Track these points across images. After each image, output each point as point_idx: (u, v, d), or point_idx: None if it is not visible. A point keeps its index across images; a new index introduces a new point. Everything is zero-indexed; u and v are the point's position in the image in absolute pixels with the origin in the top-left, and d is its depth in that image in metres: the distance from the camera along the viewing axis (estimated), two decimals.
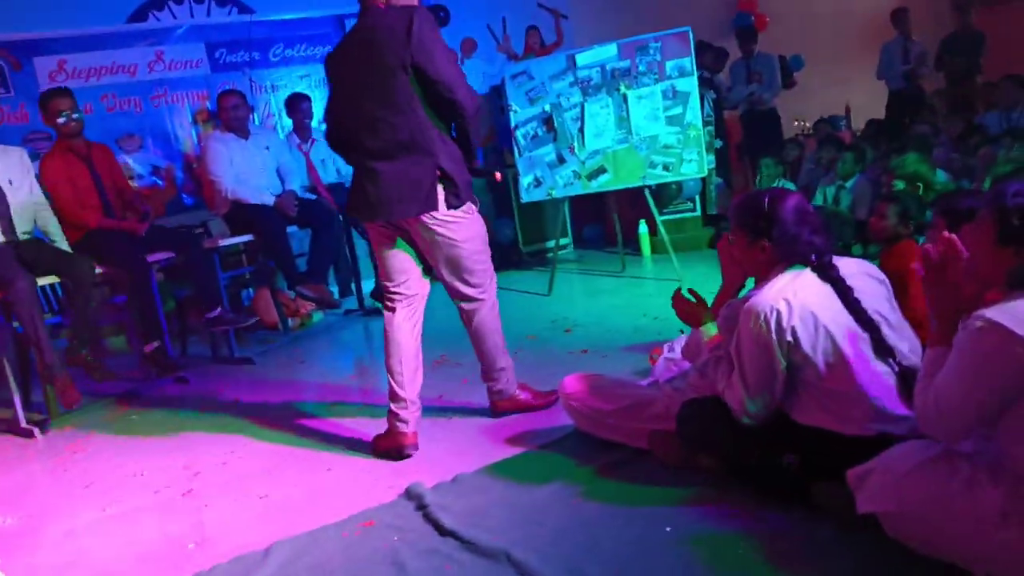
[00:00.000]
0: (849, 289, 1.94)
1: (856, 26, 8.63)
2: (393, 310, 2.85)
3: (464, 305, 2.91)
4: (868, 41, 8.04)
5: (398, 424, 2.78)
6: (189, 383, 4.23)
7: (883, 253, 2.83)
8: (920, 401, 1.66)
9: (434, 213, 2.66)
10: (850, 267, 2.03)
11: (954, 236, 1.62)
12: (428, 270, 2.91)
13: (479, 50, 7.01)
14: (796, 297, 1.92)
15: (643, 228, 6.28)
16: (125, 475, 3.00)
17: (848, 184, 5.03)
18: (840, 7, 8.77)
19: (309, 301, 4.72)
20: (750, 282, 2.29)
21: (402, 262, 2.83)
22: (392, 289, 2.85)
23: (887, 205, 2.78)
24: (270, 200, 4.67)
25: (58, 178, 4.15)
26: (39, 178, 4.17)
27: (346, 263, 5.34)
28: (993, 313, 1.48)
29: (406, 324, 2.85)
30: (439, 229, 2.70)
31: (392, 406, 2.80)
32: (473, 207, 2.77)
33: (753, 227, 2.03)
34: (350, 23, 6.15)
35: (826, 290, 1.96)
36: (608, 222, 6.46)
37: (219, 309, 4.32)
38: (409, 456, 2.76)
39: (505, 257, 6.71)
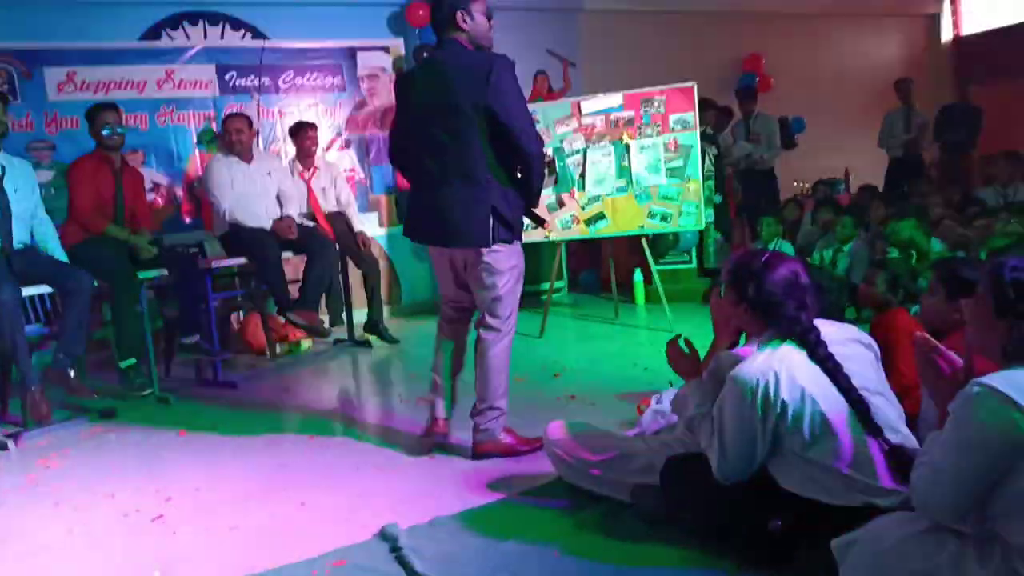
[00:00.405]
0: (837, 366, 1.91)
1: (859, 93, 8.78)
2: (458, 320, 3.13)
3: (482, 332, 2.98)
4: (870, 108, 8.17)
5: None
6: (170, 404, 4.16)
7: (873, 320, 2.83)
8: (916, 474, 1.63)
9: (485, 247, 2.81)
10: (838, 332, 2.01)
11: (930, 340, 1.64)
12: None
13: None
14: (785, 369, 1.89)
15: (638, 276, 6.29)
16: (96, 496, 2.92)
17: (846, 248, 5.05)
18: (844, 73, 8.94)
19: (299, 328, 4.69)
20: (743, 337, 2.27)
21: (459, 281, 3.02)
22: (452, 305, 3.12)
23: (875, 273, 2.78)
24: (268, 224, 4.67)
25: (85, 178, 4.30)
26: (65, 175, 4.45)
27: (338, 293, 5.31)
28: (989, 379, 1.48)
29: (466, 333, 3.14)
30: (482, 257, 2.84)
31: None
32: (518, 243, 2.90)
33: (740, 287, 2.02)
34: (362, 54, 6.37)
35: (815, 366, 1.93)
36: (604, 268, 6.47)
37: (197, 336, 4.28)
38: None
39: None
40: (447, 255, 2.96)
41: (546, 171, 3.23)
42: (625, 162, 5.23)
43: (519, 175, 2.88)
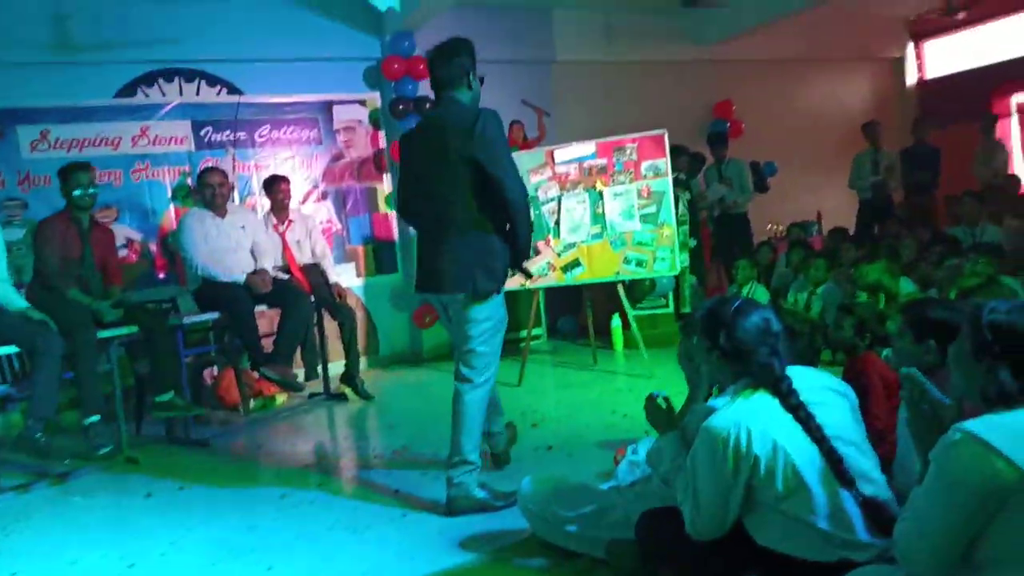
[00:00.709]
0: (809, 416, 1.89)
1: (828, 136, 8.96)
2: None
3: (456, 383, 3.01)
4: (840, 151, 8.33)
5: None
6: (139, 464, 4.07)
7: (845, 364, 2.83)
8: (899, 527, 1.61)
9: (466, 294, 2.90)
10: (811, 380, 2.00)
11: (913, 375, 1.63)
12: None
13: None
14: (757, 421, 1.87)
15: (616, 322, 6.29)
16: (57, 563, 2.83)
17: (819, 290, 5.09)
18: (813, 117, 9.13)
19: (273, 383, 4.63)
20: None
21: None
22: None
23: (843, 317, 2.79)
24: (241, 278, 4.64)
25: (52, 239, 4.22)
26: (33, 235, 4.34)
27: (313, 345, 5.25)
28: (972, 425, 1.46)
29: None
30: (463, 306, 2.93)
31: None
32: (498, 295, 2.97)
33: (712, 335, 2.01)
34: (339, 107, 6.42)
35: (788, 416, 1.92)
36: (582, 314, 6.47)
37: (171, 394, 4.20)
38: None
39: None
40: (439, 303, 3.06)
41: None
42: (599, 209, 5.27)
43: (507, 227, 2.95)
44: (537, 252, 5.35)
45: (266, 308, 4.87)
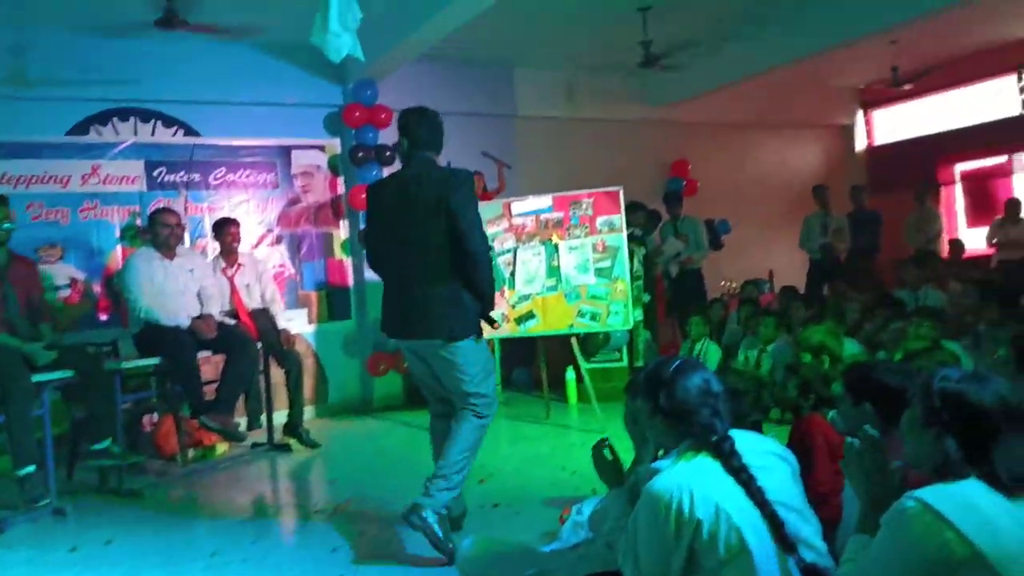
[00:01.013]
0: (752, 478, 1.87)
1: (781, 197, 9.21)
2: (446, 416, 3.20)
3: (460, 406, 3.12)
4: (792, 212, 8.55)
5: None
6: (66, 516, 3.87)
7: (791, 425, 2.83)
8: (841, 571, 1.59)
9: (442, 339, 3.01)
10: (754, 444, 1.99)
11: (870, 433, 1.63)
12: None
13: None
14: (699, 483, 1.84)
15: (570, 375, 6.27)
16: None
17: (769, 348, 5.14)
18: (766, 179, 9.39)
19: (212, 432, 4.48)
20: None
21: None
22: (437, 400, 3.26)
23: (788, 377, 2.80)
24: (185, 323, 4.52)
25: None
26: None
27: (258, 394, 5.12)
28: (924, 494, 1.44)
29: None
30: (442, 353, 3.04)
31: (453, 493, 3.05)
32: (474, 339, 3.07)
33: (653, 397, 1.99)
34: (297, 152, 6.39)
35: (730, 479, 1.89)
36: (536, 366, 6.44)
37: (108, 441, 4.03)
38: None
39: None
40: (414, 349, 3.16)
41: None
42: (555, 262, 5.29)
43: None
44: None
45: (211, 354, 4.74)
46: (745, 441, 1.97)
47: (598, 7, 6.09)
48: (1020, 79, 8.78)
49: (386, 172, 6.45)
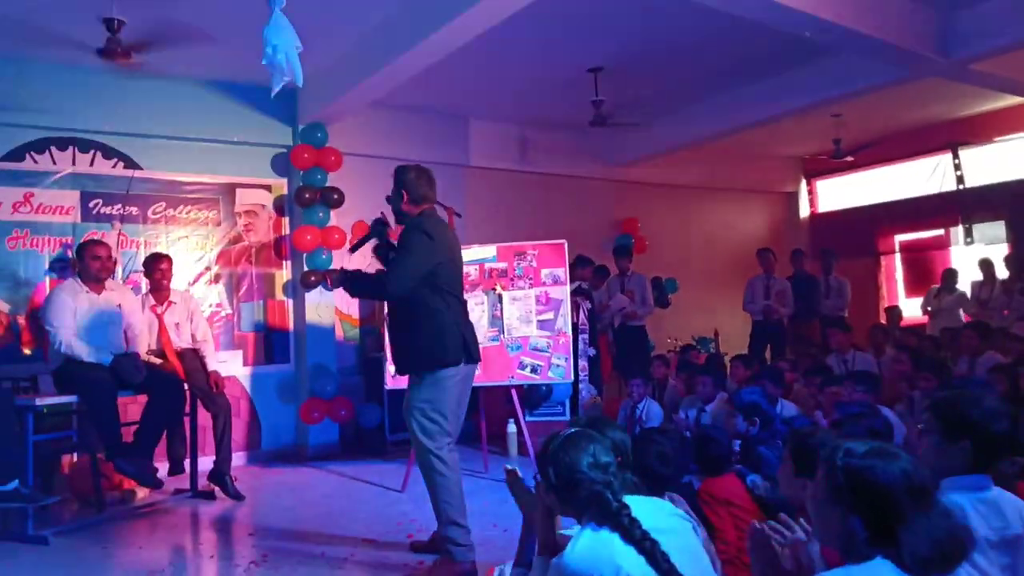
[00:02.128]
0: (655, 545, 1.80)
1: (727, 258, 9.39)
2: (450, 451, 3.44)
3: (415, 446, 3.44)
4: (737, 273, 8.69)
5: (464, 551, 3.32)
6: None
7: (701, 485, 2.78)
8: None
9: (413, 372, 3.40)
10: (656, 509, 1.93)
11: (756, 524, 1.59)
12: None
13: None
14: (605, 554, 1.76)
15: (511, 427, 6.16)
16: None
17: (708, 407, 5.13)
18: (713, 240, 9.59)
19: (128, 476, 4.25)
20: None
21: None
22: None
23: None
24: (107, 360, 4.32)
25: None
26: None
27: (182, 437, 4.89)
28: None
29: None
30: (411, 386, 3.41)
31: (456, 537, 3.32)
32: (433, 375, 3.32)
33: (544, 470, 1.93)
34: (242, 190, 6.28)
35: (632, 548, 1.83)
36: (476, 418, 6.32)
37: (16, 483, 3.79)
38: None
39: (368, 444, 6.39)
40: (470, 374, 3.56)
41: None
42: (497, 312, 5.25)
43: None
44: None
45: (132, 394, 4.53)
46: (646, 507, 1.91)
47: (550, 66, 6.20)
48: (955, 157, 9.19)
49: (333, 215, 6.39)
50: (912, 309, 8.99)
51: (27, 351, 5.45)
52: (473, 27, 4.57)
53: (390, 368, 5.32)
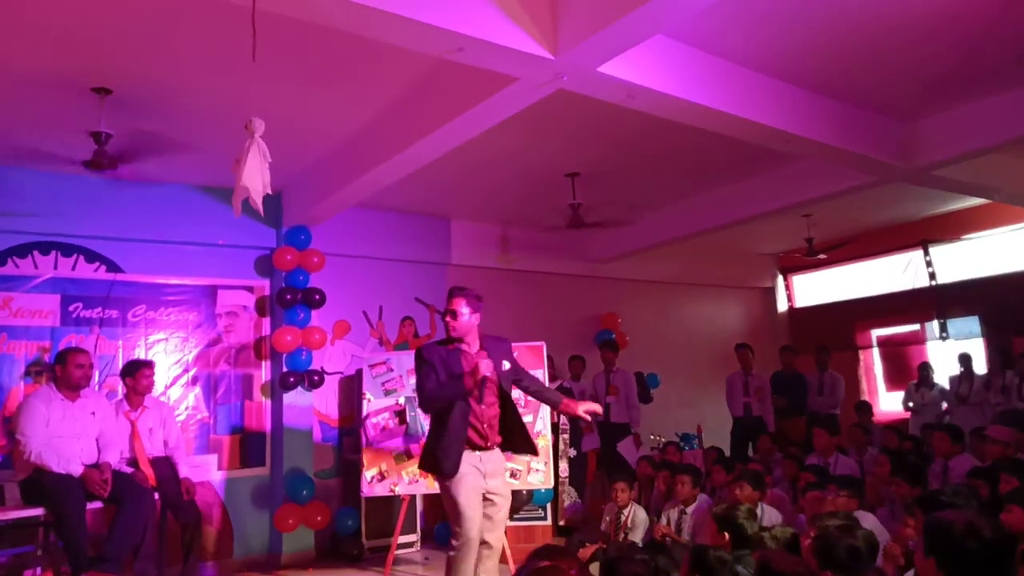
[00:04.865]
0: None
1: (708, 353, 9.43)
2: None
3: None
4: (718, 368, 8.71)
5: None
6: None
7: None
8: None
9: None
10: None
11: None
12: None
13: (352, 333, 7.10)
14: None
15: None
16: None
17: (688, 509, 5.04)
18: (693, 335, 9.66)
19: None
20: None
21: None
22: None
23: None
24: (77, 470, 4.24)
25: None
26: None
27: (150, 550, 4.74)
28: None
29: None
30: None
31: None
32: (446, 480, 3.79)
33: None
34: (224, 292, 6.31)
35: None
36: None
37: None
38: None
39: (344, 551, 6.20)
40: None
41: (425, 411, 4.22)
42: None
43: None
44: (409, 456, 5.18)
45: (101, 504, 4.42)
46: None
47: (528, 171, 6.39)
48: (926, 254, 9.43)
49: (314, 315, 6.41)
50: (893, 403, 9.00)
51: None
52: (450, 140, 4.71)
53: (366, 475, 5.26)
